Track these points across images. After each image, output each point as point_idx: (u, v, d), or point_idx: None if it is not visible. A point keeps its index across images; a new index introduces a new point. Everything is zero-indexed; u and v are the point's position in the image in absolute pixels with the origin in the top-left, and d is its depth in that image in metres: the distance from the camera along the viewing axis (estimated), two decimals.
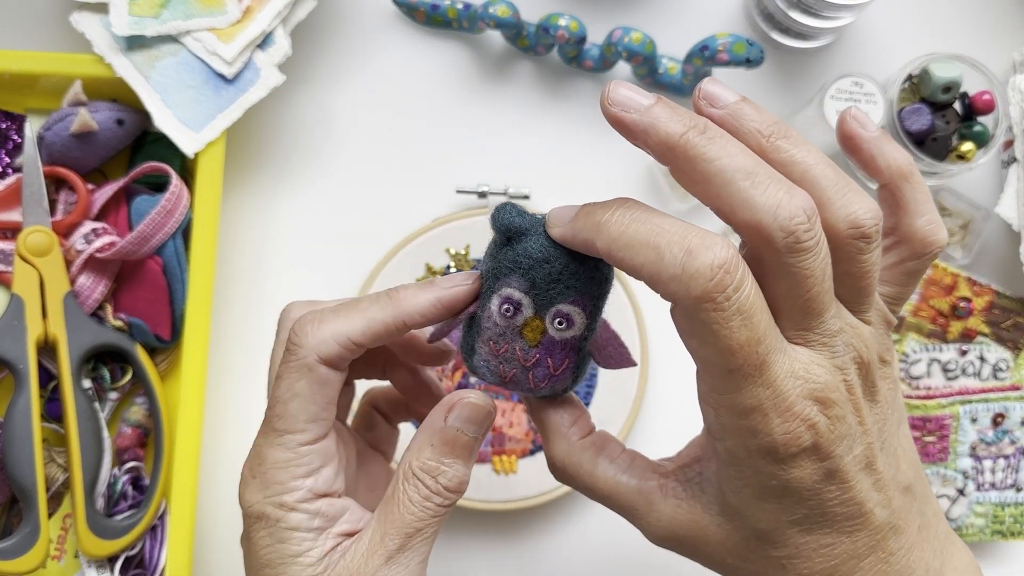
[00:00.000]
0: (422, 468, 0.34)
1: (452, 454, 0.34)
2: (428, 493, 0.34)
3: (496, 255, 0.34)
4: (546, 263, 0.33)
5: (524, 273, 0.33)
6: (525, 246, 0.33)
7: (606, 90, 0.31)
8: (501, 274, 0.34)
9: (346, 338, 0.34)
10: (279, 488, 0.34)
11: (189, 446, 0.52)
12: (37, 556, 0.50)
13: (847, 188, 0.31)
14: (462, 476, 0.35)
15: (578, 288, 0.34)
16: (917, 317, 0.58)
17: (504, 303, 0.34)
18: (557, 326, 0.34)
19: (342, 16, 0.61)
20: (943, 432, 0.56)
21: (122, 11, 0.53)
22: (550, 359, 0.35)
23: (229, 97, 0.55)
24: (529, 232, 0.34)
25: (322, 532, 0.35)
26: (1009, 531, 0.58)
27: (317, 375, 0.34)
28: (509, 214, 0.33)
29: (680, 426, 0.58)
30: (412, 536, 0.34)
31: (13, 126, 0.56)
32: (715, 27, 0.62)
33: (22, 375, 0.51)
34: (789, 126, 0.32)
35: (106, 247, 0.53)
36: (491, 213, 0.34)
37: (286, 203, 0.60)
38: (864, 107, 0.54)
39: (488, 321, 0.35)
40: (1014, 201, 0.57)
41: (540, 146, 0.61)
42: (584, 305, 0.34)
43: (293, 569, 0.34)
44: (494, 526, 0.58)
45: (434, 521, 0.34)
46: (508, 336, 0.35)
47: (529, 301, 0.34)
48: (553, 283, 0.33)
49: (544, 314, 0.34)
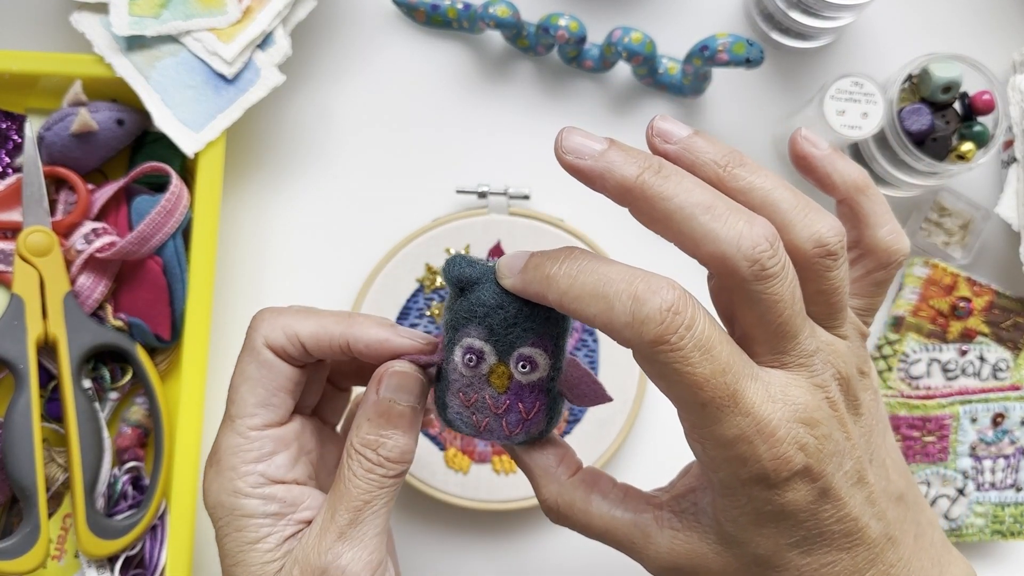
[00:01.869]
0: (362, 443, 0.35)
1: (389, 425, 0.35)
2: (370, 465, 0.35)
3: (452, 306, 0.35)
4: (500, 309, 0.34)
5: (481, 321, 0.34)
6: (478, 294, 0.34)
7: (559, 138, 0.32)
8: (460, 324, 0.35)
9: (293, 333, 0.36)
10: (232, 475, 0.36)
11: (189, 446, 0.52)
12: (37, 556, 0.50)
13: (807, 208, 0.31)
14: (403, 446, 0.35)
15: (535, 330, 0.34)
16: (917, 317, 0.59)
17: (467, 353, 0.35)
18: (521, 370, 0.35)
19: (342, 16, 0.61)
20: (943, 432, 0.56)
21: (122, 11, 0.53)
22: (521, 404, 0.35)
23: (229, 97, 0.55)
24: (481, 280, 0.34)
25: (281, 518, 0.36)
26: (1009, 531, 0.58)
27: (264, 359, 0.36)
28: (459, 265, 0.34)
29: (676, 441, 0.58)
30: (361, 510, 0.34)
31: (13, 126, 0.56)
32: (715, 27, 0.62)
33: (22, 375, 0.51)
34: (744, 154, 0.32)
35: (106, 247, 0.53)
36: (442, 266, 0.35)
37: (286, 203, 0.60)
38: (864, 107, 0.54)
39: (454, 373, 0.35)
40: (1014, 201, 0.57)
41: (540, 146, 0.61)
42: (545, 346, 0.34)
43: (252, 556, 0.35)
44: (494, 526, 0.58)
45: (382, 493, 0.35)
46: (476, 385, 0.35)
47: (491, 348, 0.34)
48: (510, 327, 0.34)
49: (507, 359, 0.34)
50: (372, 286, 0.56)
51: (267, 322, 0.37)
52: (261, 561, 0.35)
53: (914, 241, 0.60)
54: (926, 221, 0.60)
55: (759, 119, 0.61)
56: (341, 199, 0.60)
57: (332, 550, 0.34)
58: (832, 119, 0.54)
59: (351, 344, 0.36)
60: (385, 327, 0.36)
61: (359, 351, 0.36)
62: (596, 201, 0.61)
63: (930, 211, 0.60)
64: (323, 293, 0.59)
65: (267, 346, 0.36)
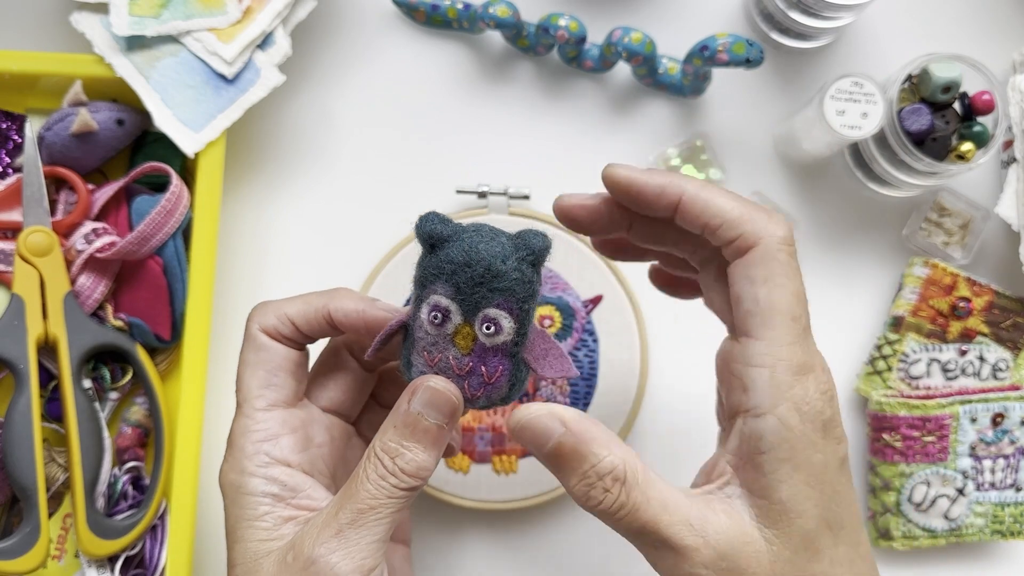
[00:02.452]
0: (382, 447, 0.35)
1: (412, 437, 0.35)
2: (384, 472, 0.35)
3: (422, 263, 0.35)
4: (467, 267, 0.34)
5: (448, 278, 0.34)
6: (448, 251, 0.34)
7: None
8: (428, 281, 0.35)
9: (283, 313, 0.38)
10: (239, 455, 0.37)
11: (189, 446, 0.52)
12: (37, 556, 0.50)
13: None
14: (421, 461, 0.35)
15: (503, 291, 0.34)
16: (917, 317, 0.59)
17: (432, 310, 0.35)
18: (485, 331, 0.35)
19: (342, 16, 0.61)
20: (943, 432, 0.56)
21: (122, 11, 0.53)
22: (484, 367, 0.35)
23: (229, 97, 0.55)
24: (451, 238, 0.35)
25: (280, 500, 0.36)
26: (1009, 531, 0.58)
27: (260, 343, 0.38)
28: (431, 222, 0.35)
29: (677, 442, 0.58)
30: (365, 513, 0.34)
31: (13, 126, 0.56)
32: (715, 27, 0.62)
33: (22, 375, 0.51)
34: None
35: (106, 247, 0.53)
36: (415, 223, 0.35)
37: (286, 203, 0.60)
38: (864, 107, 0.54)
39: (420, 331, 0.35)
40: (1014, 201, 0.57)
41: (540, 146, 0.61)
42: (510, 309, 0.34)
43: (249, 532, 0.36)
44: (494, 526, 0.58)
45: (389, 503, 0.34)
46: (440, 345, 0.35)
47: (456, 307, 0.34)
48: (477, 286, 0.34)
49: (473, 320, 0.34)
50: (372, 286, 0.57)
51: (259, 310, 0.38)
52: (258, 539, 0.35)
53: (914, 241, 0.60)
54: (926, 221, 0.60)
55: (759, 119, 0.61)
56: (341, 199, 0.60)
57: (326, 544, 0.34)
58: (832, 119, 0.54)
59: (332, 314, 0.37)
60: (361, 299, 0.38)
61: (339, 321, 0.37)
62: None
63: (930, 211, 0.60)
64: None
65: (261, 330, 0.38)
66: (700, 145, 0.59)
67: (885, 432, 0.57)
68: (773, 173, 0.61)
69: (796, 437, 0.32)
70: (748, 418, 0.33)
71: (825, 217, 0.61)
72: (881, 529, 0.57)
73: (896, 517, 0.57)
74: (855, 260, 0.61)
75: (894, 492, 0.57)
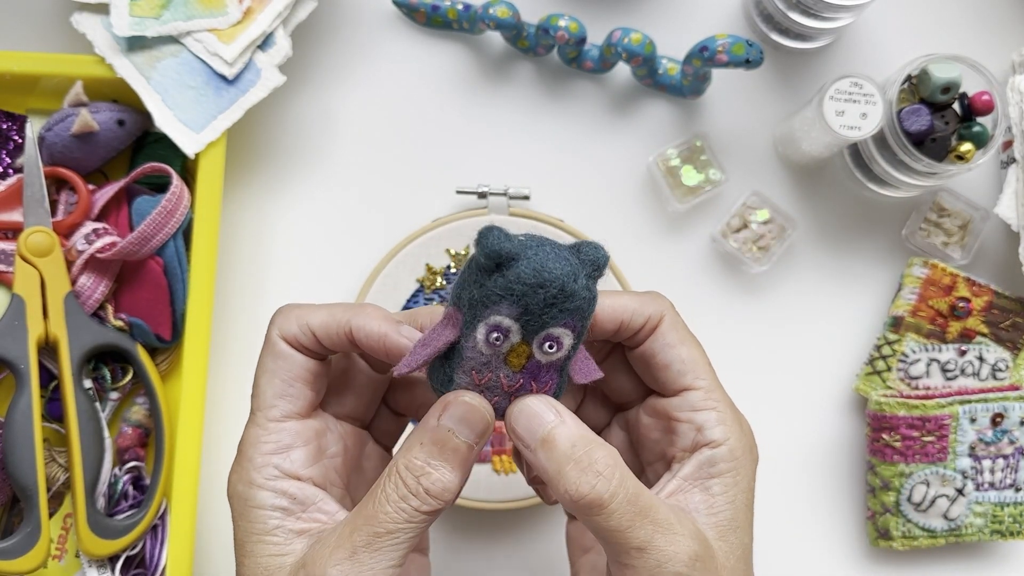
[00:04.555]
0: (407, 466, 0.34)
1: (441, 456, 0.34)
2: (406, 493, 0.33)
3: (483, 282, 0.33)
4: (541, 288, 0.32)
5: (517, 300, 0.32)
6: (517, 271, 0.32)
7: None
8: (491, 302, 0.33)
9: (305, 322, 0.36)
10: (248, 465, 0.35)
11: (190, 446, 0.52)
12: (38, 556, 0.50)
13: None
14: (447, 482, 0.33)
15: (572, 311, 0.33)
16: (916, 317, 0.59)
17: (493, 331, 0.33)
18: (547, 350, 0.34)
19: (342, 17, 0.61)
20: (942, 432, 0.56)
21: (123, 12, 0.54)
22: (534, 382, 0.35)
23: (230, 98, 0.55)
24: (519, 257, 0.32)
25: (290, 514, 0.35)
26: (1008, 531, 0.58)
27: (279, 350, 0.36)
28: (497, 239, 0.32)
29: None
30: (381, 536, 0.33)
31: (14, 127, 0.56)
32: (715, 28, 0.62)
33: (23, 375, 0.51)
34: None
35: (107, 247, 0.53)
36: (476, 238, 0.32)
37: (287, 203, 0.60)
38: (863, 108, 0.54)
39: (472, 351, 0.34)
40: (1013, 201, 0.57)
41: (540, 146, 0.61)
42: (574, 326, 0.34)
43: (260, 547, 0.35)
44: (494, 526, 0.58)
45: (409, 527, 0.33)
46: (493, 364, 0.34)
47: (518, 327, 0.33)
48: (548, 307, 0.33)
49: (532, 339, 0.33)
50: (372, 286, 0.57)
51: (282, 315, 0.37)
52: (268, 554, 0.34)
53: (914, 241, 0.60)
54: (925, 221, 0.60)
55: (759, 120, 0.61)
56: (341, 199, 0.60)
57: (339, 566, 0.32)
58: (831, 119, 0.54)
59: (353, 331, 0.36)
60: (388, 322, 0.36)
61: (360, 340, 0.36)
62: (595, 202, 0.61)
63: (929, 211, 0.60)
64: (323, 293, 0.59)
65: (281, 337, 0.37)
66: (700, 145, 0.59)
67: (884, 432, 0.57)
68: (773, 173, 0.61)
69: (742, 464, 0.36)
70: (707, 449, 0.36)
71: (825, 217, 0.61)
72: (880, 529, 0.58)
73: (895, 517, 0.57)
74: (855, 260, 0.61)
75: (893, 492, 0.57)
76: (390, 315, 0.37)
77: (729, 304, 0.60)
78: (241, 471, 0.36)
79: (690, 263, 0.60)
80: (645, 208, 0.61)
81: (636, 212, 0.61)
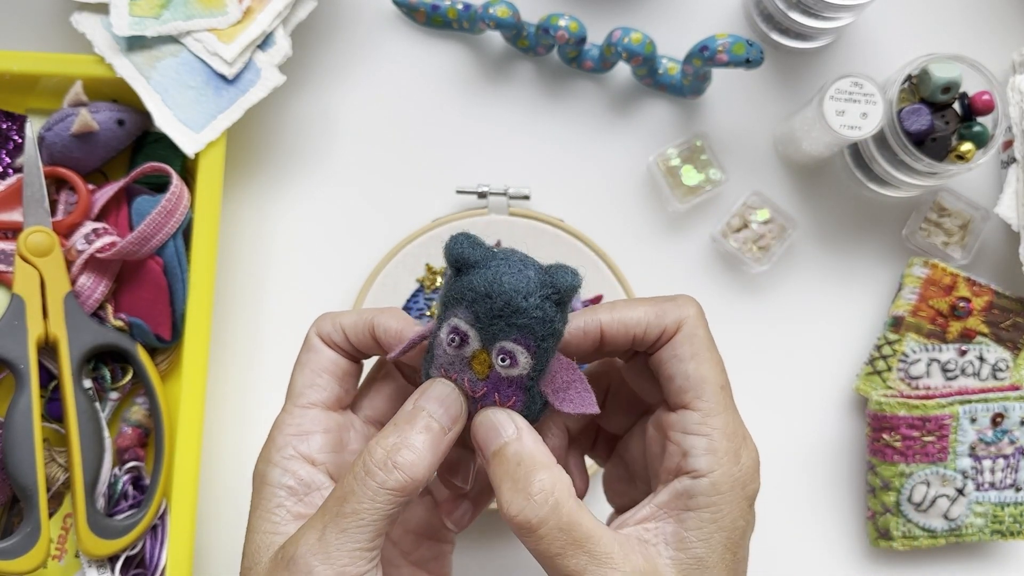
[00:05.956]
0: (378, 442, 0.34)
1: (411, 431, 0.34)
2: (372, 468, 0.33)
3: (447, 283, 0.35)
4: (488, 298, 0.33)
5: (469, 305, 0.33)
6: (471, 279, 0.33)
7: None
8: (450, 303, 0.34)
9: (338, 323, 0.39)
10: (271, 445, 0.37)
11: (190, 446, 0.52)
12: (38, 556, 0.50)
13: None
14: (416, 457, 0.33)
15: (520, 327, 0.33)
16: (916, 317, 0.59)
17: (451, 333, 0.34)
18: (501, 363, 0.34)
19: (342, 16, 0.61)
20: (942, 432, 0.56)
21: (123, 12, 0.54)
22: (497, 394, 0.35)
23: (230, 97, 0.55)
24: (478, 265, 0.33)
25: (294, 493, 0.36)
26: (1009, 531, 0.58)
27: (312, 344, 0.39)
28: (461, 245, 0.33)
29: None
30: (347, 516, 0.33)
31: (14, 126, 0.56)
32: (715, 27, 0.62)
33: (23, 375, 0.51)
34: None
35: (107, 247, 0.53)
36: (446, 242, 0.34)
37: (286, 203, 0.60)
38: (863, 107, 0.54)
39: (439, 348, 0.35)
40: (1013, 201, 0.57)
41: (540, 146, 0.61)
42: (527, 345, 0.33)
43: (261, 522, 0.36)
44: (494, 526, 0.58)
45: (374, 507, 0.33)
46: (457, 366, 0.35)
47: (475, 334, 0.34)
48: (495, 319, 0.33)
49: (490, 348, 0.34)
50: (372, 286, 0.57)
51: (321, 318, 0.39)
52: (266, 531, 0.35)
53: (914, 241, 0.60)
54: (926, 221, 0.60)
55: (759, 119, 0.61)
56: (341, 199, 0.60)
57: (309, 547, 0.33)
58: (831, 119, 0.54)
59: (375, 327, 0.38)
60: (405, 321, 0.38)
61: (379, 335, 0.38)
62: (595, 202, 0.61)
63: (930, 211, 0.60)
64: (323, 293, 0.59)
65: (317, 334, 0.39)
66: (700, 145, 0.59)
67: (885, 432, 0.57)
68: (773, 173, 0.61)
69: (726, 502, 0.34)
70: (686, 479, 0.35)
71: (825, 217, 0.61)
72: (881, 529, 0.58)
73: (896, 517, 0.57)
74: (855, 260, 0.61)
75: (894, 492, 0.57)
76: (410, 317, 0.38)
77: (729, 304, 0.60)
78: (264, 451, 0.37)
79: (690, 263, 0.60)
80: (645, 208, 0.61)
81: (636, 212, 0.61)
